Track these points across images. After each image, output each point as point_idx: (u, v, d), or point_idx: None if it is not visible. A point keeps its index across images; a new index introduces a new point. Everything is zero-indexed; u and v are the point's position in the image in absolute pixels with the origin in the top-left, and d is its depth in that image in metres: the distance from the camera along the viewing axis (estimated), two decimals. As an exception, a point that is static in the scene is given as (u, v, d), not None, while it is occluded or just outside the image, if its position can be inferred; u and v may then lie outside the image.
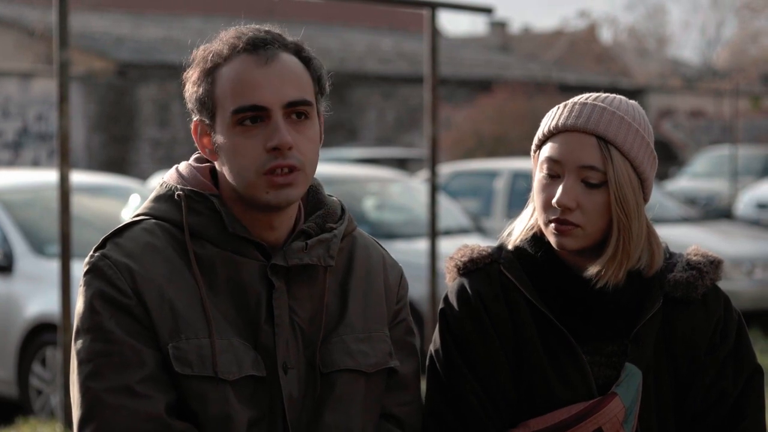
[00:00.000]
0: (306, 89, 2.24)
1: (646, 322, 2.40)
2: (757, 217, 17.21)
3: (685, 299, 2.43)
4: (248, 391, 2.20)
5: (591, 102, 2.40)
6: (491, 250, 2.51)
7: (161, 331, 2.17)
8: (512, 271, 2.45)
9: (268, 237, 2.26)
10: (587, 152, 2.34)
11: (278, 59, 2.22)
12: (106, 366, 2.14)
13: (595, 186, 2.34)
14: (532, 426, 2.39)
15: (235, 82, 2.20)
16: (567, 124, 2.37)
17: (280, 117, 2.19)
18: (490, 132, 22.08)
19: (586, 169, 2.34)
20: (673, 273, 2.44)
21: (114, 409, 2.12)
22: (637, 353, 2.39)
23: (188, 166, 2.34)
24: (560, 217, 2.35)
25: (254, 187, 2.20)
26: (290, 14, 28.32)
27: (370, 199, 10.93)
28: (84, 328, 2.18)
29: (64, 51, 5.84)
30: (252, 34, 2.23)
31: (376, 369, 2.32)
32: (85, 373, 2.15)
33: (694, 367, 2.42)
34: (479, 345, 2.42)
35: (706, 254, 2.49)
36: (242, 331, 2.22)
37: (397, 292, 2.42)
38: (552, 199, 2.36)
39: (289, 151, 2.18)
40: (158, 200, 2.29)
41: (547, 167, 2.38)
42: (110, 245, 2.22)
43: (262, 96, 2.19)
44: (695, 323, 2.43)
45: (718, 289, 2.48)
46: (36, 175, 10.24)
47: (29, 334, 7.88)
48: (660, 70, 40.51)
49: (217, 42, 2.26)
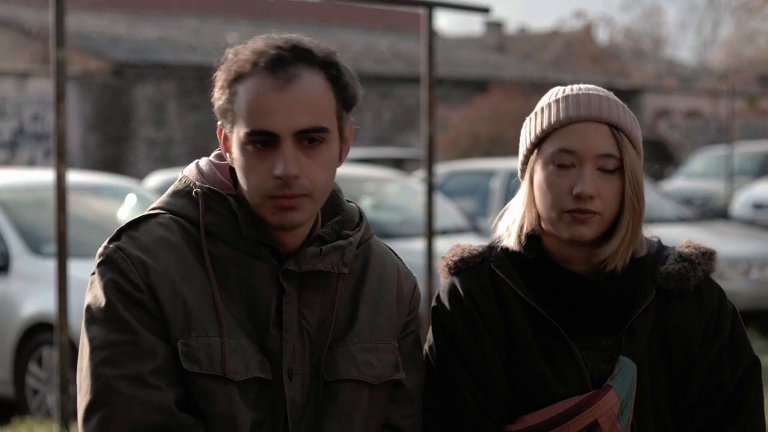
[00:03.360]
0: (323, 113, 2.20)
1: (639, 314, 2.41)
2: (753, 217, 17.21)
3: (678, 291, 2.44)
4: (253, 393, 2.20)
5: (589, 92, 2.43)
6: (482, 249, 2.53)
7: (172, 326, 2.16)
8: (503, 269, 2.46)
9: (283, 241, 2.25)
10: (603, 140, 2.38)
11: (297, 82, 2.17)
12: (120, 354, 2.14)
13: (610, 173, 2.38)
14: (528, 421, 2.40)
15: (249, 102, 2.18)
16: (581, 115, 2.39)
17: (289, 145, 2.16)
18: (486, 132, 22.09)
19: (604, 157, 2.38)
20: (665, 265, 2.46)
21: (125, 398, 2.11)
22: (630, 346, 2.40)
23: (209, 162, 2.32)
24: (582, 207, 2.36)
25: (261, 207, 2.20)
26: (286, 15, 28.30)
27: (366, 198, 10.93)
28: (98, 317, 2.17)
29: (61, 50, 5.83)
30: (276, 52, 2.18)
31: (380, 381, 2.31)
32: (97, 360, 2.14)
33: (688, 359, 2.43)
34: (472, 342, 2.43)
35: (699, 246, 2.50)
36: (250, 333, 2.21)
37: (409, 303, 2.42)
38: (567, 190, 2.37)
39: (295, 180, 2.16)
40: (176, 195, 2.28)
41: (559, 159, 2.39)
42: (125, 237, 2.21)
43: (272, 122, 2.16)
44: (689, 315, 2.44)
45: (711, 281, 2.49)
46: (32, 174, 10.24)
47: (26, 334, 7.88)
48: (656, 70, 40.54)
49: (245, 50, 2.21)
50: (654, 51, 43.52)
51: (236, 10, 29.35)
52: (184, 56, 22.59)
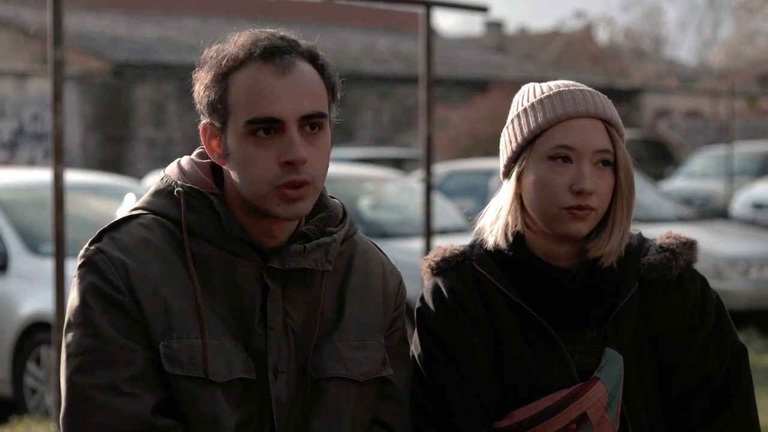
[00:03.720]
0: (321, 100, 2.20)
1: (623, 306, 2.42)
2: (753, 217, 17.22)
3: (661, 281, 2.45)
4: (237, 393, 2.18)
5: (579, 89, 2.45)
6: (463, 248, 2.53)
7: (153, 329, 2.15)
8: (485, 267, 2.47)
9: (268, 241, 2.24)
10: (600, 137, 2.40)
11: (295, 69, 2.17)
12: (94, 362, 2.12)
13: (605, 168, 2.40)
14: (517, 416, 2.41)
15: (250, 91, 2.15)
16: (579, 111, 2.40)
17: (294, 130, 2.15)
18: (485, 132, 22.08)
19: (601, 152, 2.40)
20: (646, 257, 2.47)
21: (98, 407, 2.10)
22: (616, 338, 2.41)
23: (190, 161, 2.30)
24: (582, 204, 2.37)
25: (265, 199, 2.17)
26: (286, 14, 28.30)
27: (365, 198, 10.93)
28: (75, 322, 2.16)
29: (59, 50, 5.83)
30: (268, 42, 2.18)
31: (367, 378, 2.30)
32: (72, 367, 2.13)
33: (675, 348, 2.44)
34: (458, 341, 2.43)
35: (679, 236, 2.52)
36: (235, 333, 2.20)
37: (395, 300, 2.41)
38: (566, 186, 2.38)
39: (303, 165, 2.15)
40: (157, 195, 2.26)
41: (557, 154, 2.39)
42: (106, 239, 2.20)
43: (277, 108, 2.14)
44: (672, 305, 2.45)
45: (693, 271, 2.50)
46: (31, 174, 10.25)
47: (24, 334, 7.88)
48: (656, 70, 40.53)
49: (232, 45, 2.20)
50: (654, 51, 43.51)
51: (236, 10, 29.34)
52: (184, 56, 22.57)
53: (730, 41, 42.04)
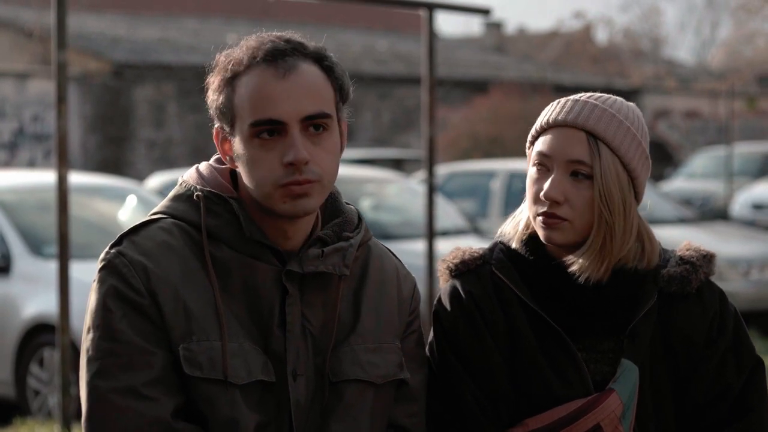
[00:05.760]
0: (325, 101, 2.22)
1: (642, 317, 2.42)
2: (752, 217, 17.22)
3: (680, 294, 2.45)
4: (256, 395, 2.20)
5: (584, 99, 2.44)
6: (482, 251, 2.53)
7: (173, 331, 2.17)
8: (504, 271, 2.47)
9: (284, 243, 2.26)
10: (576, 147, 2.38)
11: (297, 71, 2.20)
12: (114, 366, 2.14)
13: (583, 181, 2.37)
14: (530, 425, 2.41)
15: (252, 93, 2.19)
16: (558, 120, 2.41)
17: (296, 131, 2.18)
18: (485, 133, 22.09)
19: (574, 163, 2.37)
20: (666, 268, 2.46)
21: (119, 410, 2.12)
22: (633, 349, 2.41)
23: (209, 166, 2.33)
24: (548, 211, 2.38)
25: (272, 198, 2.20)
26: (286, 15, 28.30)
27: (366, 199, 10.94)
28: (95, 325, 2.17)
29: (62, 52, 5.84)
30: (271, 45, 2.21)
31: (385, 380, 2.32)
32: (92, 371, 2.15)
33: (692, 362, 2.44)
34: (473, 345, 2.44)
35: (699, 249, 2.52)
36: (254, 335, 2.22)
37: (410, 304, 2.43)
38: (541, 192, 2.39)
39: (306, 165, 2.18)
40: (177, 199, 2.29)
41: (538, 161, 2.41)
42: (127, 243, 2.22)
43: (278, 110, 2.17)
44: (691, 317, 2.45)
45: (712, 284, 2.50)
46: (33, 175, 10.26)
47: (27, 335, 7.90)
48: (655, 70, 40.50)
49: (238, 49, 2.24)
50: (653, 51, 43.48)
51: (236, 11, 29.35)
52: (184, 57, 22.57)
53: (729, 42, 42.05)
